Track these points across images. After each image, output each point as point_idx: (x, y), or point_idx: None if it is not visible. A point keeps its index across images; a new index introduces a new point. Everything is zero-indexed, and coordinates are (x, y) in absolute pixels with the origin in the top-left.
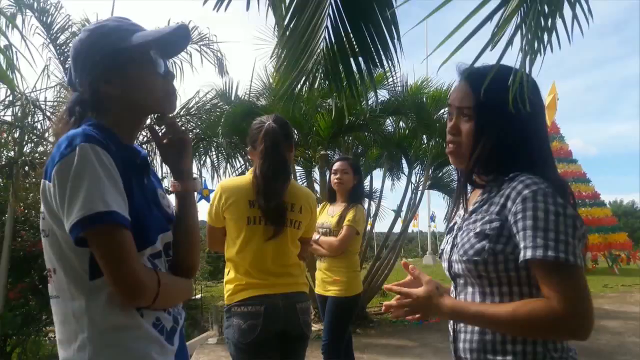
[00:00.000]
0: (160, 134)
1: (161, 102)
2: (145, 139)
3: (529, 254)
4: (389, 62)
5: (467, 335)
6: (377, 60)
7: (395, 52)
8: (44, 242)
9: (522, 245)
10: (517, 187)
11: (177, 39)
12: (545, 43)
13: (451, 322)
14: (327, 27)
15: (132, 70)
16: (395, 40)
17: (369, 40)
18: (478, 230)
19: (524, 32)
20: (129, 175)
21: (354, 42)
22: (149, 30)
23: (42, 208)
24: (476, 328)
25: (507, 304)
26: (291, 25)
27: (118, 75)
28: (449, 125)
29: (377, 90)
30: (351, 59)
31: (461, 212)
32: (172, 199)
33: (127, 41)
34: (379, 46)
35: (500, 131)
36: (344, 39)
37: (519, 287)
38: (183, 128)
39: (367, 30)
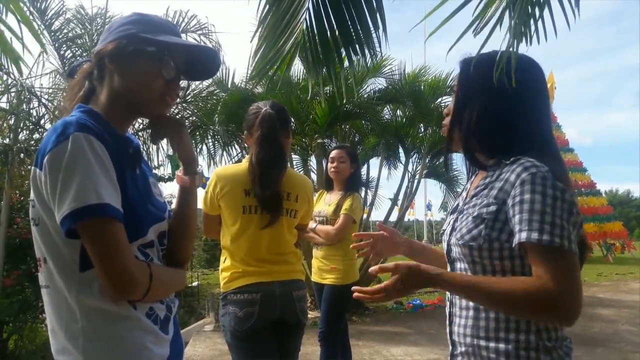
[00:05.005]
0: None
1: (151, 102)
2: (141, 126)
3: (523, 236)
4: (371, 51)
5: (462, 320)
6: (358, 50)
7: (379, 42)
8: (33, 230)
9: (517, 228)
10: (517, 169)
11: (204, 58)
12: (532, 31)
13: (448, 305)
14: (308, 9)
15: (138, 59)
16: (380, 31)
17: (351, 28)
18: (476, 213)
19: (512, 15)
20: (122, 166)
21: (336, 29)
22: (181, 38)
23: (31, 196)
24: (470, 313)
25: (501, 278)
26: (273, 8)
27: (124, 58)
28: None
29: (375, 78)
30: (332, 46)
31: (464, 194)
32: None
33: (151, 34)
34: (361, 35)
35: (484, 104)
36: (326, 24)
37: (512, 276)
38: (179, 116)
39: (349, 17)
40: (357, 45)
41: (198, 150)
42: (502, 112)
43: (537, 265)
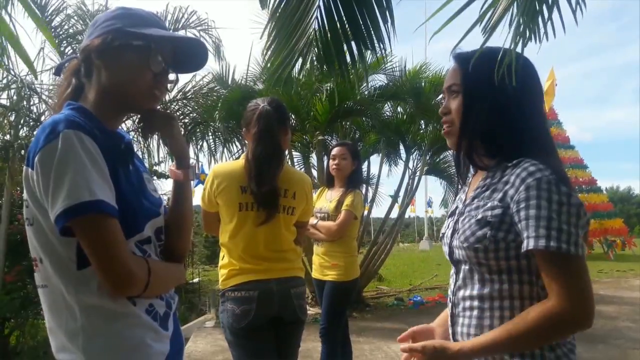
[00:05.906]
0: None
1: (140, 96)
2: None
3: (531, 243)
4: (381, 45)
5: (465, 320)
6: (368, 44)
7: (388, 36)
8: (28, 230)
9: (524, 234)
10: (521, 174)
11: (192, 50)
12: (542, 30)
13: (450, 307)
14: (319, 6)
15: (125, 54)
16: (388, 24)
17: (361, 22)
18: (480, 216)
19: (514, 15)
20: (114, 163)
21: (347, 24)
22: (167, 31)
23: (24, 196)
24: (475, 313)
25: (513, 322)
26: (282, 4)
27: (111, 53)
28: (441, 108)
29: (376, 75)
30: (343, 41)
31: (462, 195)
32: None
33: (137, 27)
34: (371, 29)
35: (492, 105)
36: (336, 19)
37: (518, 275)
38: (179, 112)
39: (359, 11)
40: (367, 40)
41: (199, 147)
42: (509, 112)
43: (546, 273)
